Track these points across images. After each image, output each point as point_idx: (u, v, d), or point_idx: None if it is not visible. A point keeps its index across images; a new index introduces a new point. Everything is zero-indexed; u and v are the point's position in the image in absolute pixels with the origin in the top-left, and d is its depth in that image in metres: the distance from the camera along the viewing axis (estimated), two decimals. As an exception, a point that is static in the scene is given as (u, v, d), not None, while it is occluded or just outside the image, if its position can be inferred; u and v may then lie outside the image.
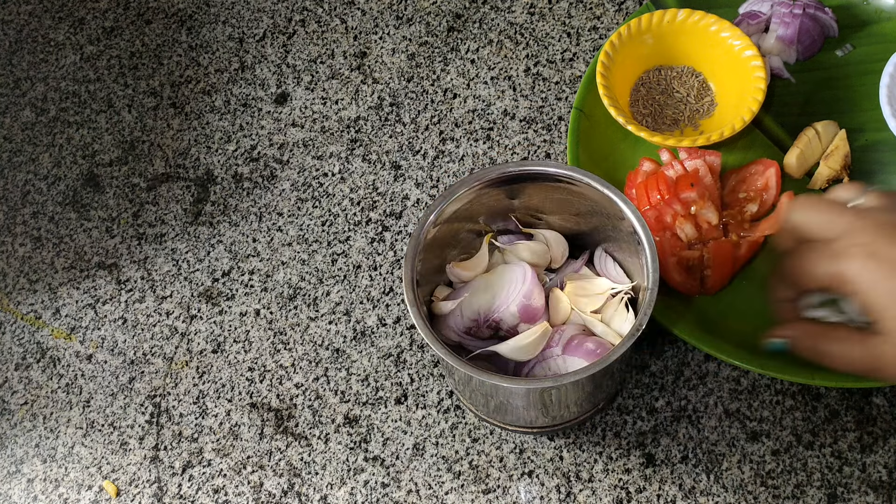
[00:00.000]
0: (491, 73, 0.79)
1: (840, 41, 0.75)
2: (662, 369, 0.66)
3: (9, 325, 0.73)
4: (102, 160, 0.79)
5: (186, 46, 0.84)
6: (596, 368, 0.53)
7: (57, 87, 0.83)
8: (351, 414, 0.67)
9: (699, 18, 0.73)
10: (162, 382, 0.70)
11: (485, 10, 0.82)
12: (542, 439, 0.65)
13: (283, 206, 0.75)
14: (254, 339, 0.70)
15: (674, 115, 0.73)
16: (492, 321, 0.60)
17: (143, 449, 0.67)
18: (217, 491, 0.65)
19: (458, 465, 0.65)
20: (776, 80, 0.74)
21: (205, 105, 0.81)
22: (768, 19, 0.75)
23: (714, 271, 0.66)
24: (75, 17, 0.86)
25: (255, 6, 0.85)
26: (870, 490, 0.62)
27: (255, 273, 0.73)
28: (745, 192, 0.69)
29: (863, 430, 0.64)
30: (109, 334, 0.72)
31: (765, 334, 0.58)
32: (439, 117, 0.78)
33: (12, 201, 0.78)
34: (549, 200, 0.62)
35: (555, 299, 0.61)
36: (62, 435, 0.69)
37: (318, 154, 0.77)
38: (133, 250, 0.75)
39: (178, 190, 0.77)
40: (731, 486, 0.62)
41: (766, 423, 0.64)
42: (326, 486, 0.65)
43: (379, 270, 0.72)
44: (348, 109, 0.79)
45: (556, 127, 0.76)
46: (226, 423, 0.68)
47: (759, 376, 0.66)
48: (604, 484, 0.63)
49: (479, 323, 0.60)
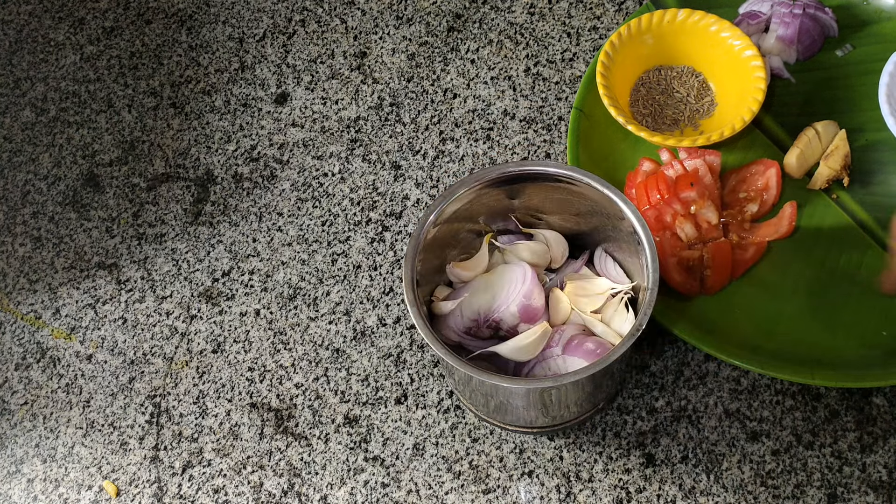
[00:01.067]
0: (491, 73, 0.79)
1: (840, 41, 0.75)
2: (662, 369, 0.66)
3: (9, 325, 0.73)
4: (102, 160, 0.79)
5: (186, 46, 0.84)
6: (596, 368, 0.53)
7: (57, 87, 0.83)
8: (351, 414, 0.67)
9: (699, 18, 0.72)
10: (162, 382, 0.70)
11: (485, 10, 0.82)
12: (543, 439, 0.65)
13: (283, 206, 0.75)
14: (254, 339, 0.70)
15: (674, 115, 0.73)
16: (492, 321, 0.60)
17: (143, 449, 0.67)
18: (217, 491, 0.65)
19: (458, 465, 0.65)
20: (776, 80, 0.74)
21: (205, 105, 0.81)
22: (768, 19, 0.75)
23: (714, 272, 0.66)
24: (75, 17, 0.86)
25: (255, 6, 0.85)
26: (870, 490, 0.62)
27: (255, 273, 0.73)
28: (746, 192, 0.69)
29: (863, 430, 0.63)
30: (109, 334, 0.72)
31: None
32: (439, 117, 0.78)
33: (12, 201, 0.78)
34: (549, 200, 0.62)
35: (555, 299, 0.61)
36: (62, 435, 0.69)
37: (318, 154, 0.77)
38: (133, 250, 0.75)
39: (178, 190, 0.77)
40: (731, 486, 0.62)
41: (766, 423, 0.64)
42: (326, 486, 0.65)
43: (379, 270, 0.72)
44: (348, 109, 0.79)
45: (556, 127, 0.76)
46: (226, 423, 0.68)
47: (759, 376, 0.66)
48: (604, 484, 0.63)
49: (479, 323, 0.60)
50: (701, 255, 0.66)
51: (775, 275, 0.68)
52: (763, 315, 0.66)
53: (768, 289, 0.67)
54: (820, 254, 0.68)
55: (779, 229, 0.68)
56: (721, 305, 0.66)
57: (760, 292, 0.67)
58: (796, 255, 0.68)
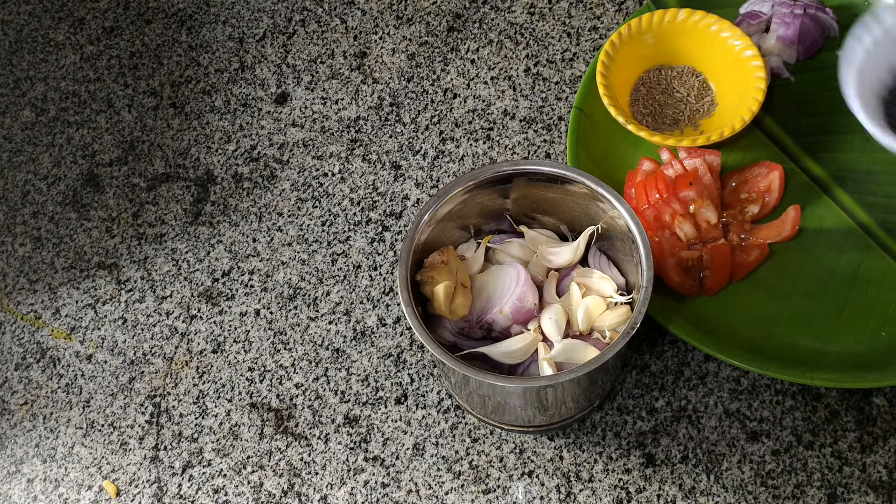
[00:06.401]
0: (491, 73, 0.79)
1: (840, 41, 0.75)
2: (662, 369, 0.66)
3: (9, 325, 0.73)
4: (102, 160, 0.79)
5: (186, 46, 0.84)
6: (591, 367, 0.53)
7: (57, 87, 0.83)
8: (351, 414, 0.67)
9: (700, 18, 0.72)
10: (162, 382, 0.70)
11: (485, 10, 0.82)
12: (542, 439, 0.65)
13: (283, 206, 0.75)
14: (254, 339, 0.70)
15: (674, 115, 0.73)
16: (484, 322, 0.60)
17: (143, 449, 0.67)
18: (217, 491, 0.65)
19: (458, 465, 0.65)
20: (776, 80, 0.74)
21: (205, 105, 0.81)
22: (769, 19, 0.75)
23: (713, 273, 0.66)
24: (75, 17, 0.86)
25: (255, 6, 0.85)
26: (870, 490, 0.62)
27: (255, 273, 0.73)
28: (748, 192, 0.69)
29: (863, 430, 0.63)
30: (109, 334, 0.72)
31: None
32: (439, 117, 0.78)
33: (12, 201, 0.78)
34: (543, 199, 0.62)
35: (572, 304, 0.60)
36: (62, 435, 0.69)
37: (318, 154, 0.77)
38: (133, 250, 0.75)
39: (178, 190, 0.77)
40: (731, 486, 0.62)
41: (766, 423, 0.64)
42: (326, 486, 0.65)
43: (379, 270, 0.72)
44: (348, 109, 0.79)
45: (556, 127, 0.76)
46: (226, 423, 0.68)
47: (759, 376, 0.66)
48: (604, 484, 0.63)
49: (471, 324, 0.60)
50: (700, 256, 0.66)
51: (775, 275, 0.67)
52: (763, 315, 0.66)
53: (768, 289, 0.67)
54: (820, 254, 0.68)
55: (781, 232, 0.68)
56: (721, 305, 0.66)
57: (760, 292, 0.67)
58: (796, 255, 0.68)
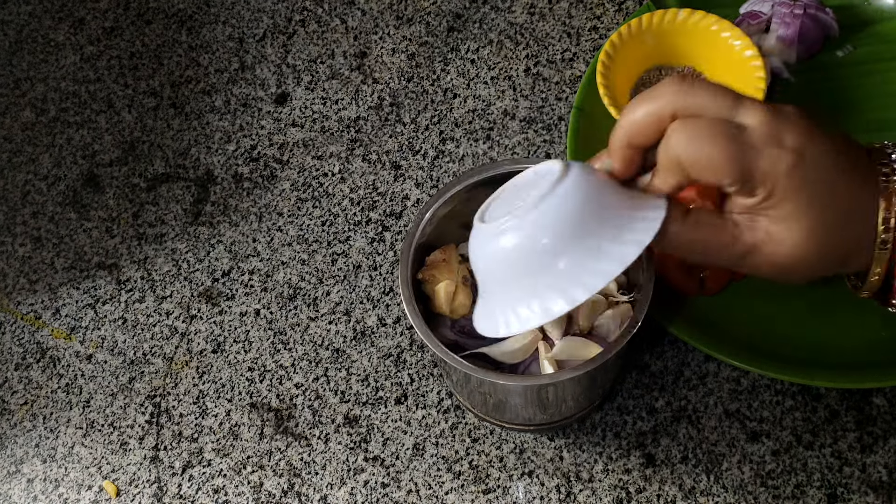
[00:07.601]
0: (491, 73, 0.79)
1: (841, 41, 0.75)
2: (662, 369, 0.66)
3: (9, 325, 0.73)
4: (102, 160, 0.79)
5: (186, 46, 0.84)
6: (592, 366, 0.53)
7: (57, 87, 0.83)
8: (351, 414, 0.67)
9: (700, 18, 0.72)
10: (162, 382, 0.70)
11: (485, 10, 0.82)
12: (542, 439, 0.65)
13: (283, 206, 0.75)
14: (254, 339, 0.70)
15: (674, 115, 0.73)
16: None
17: (143, 449, 0.67)
18: (217, 491, 0.65)
19: (458, 465, 0.65)
20: (776, 80, 0.74)
21: (205, 105, 0.81)
22: (769, 19, 0.75)
23: (713, 272, 0.66)
24: (75, 17, 0.86)
25: (255, 6, 0.85)
26: (870, 490, 0.62)
27: (255, 273, 0.73)
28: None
29: (863, 430, 0.63)
30: (109, 334, 0.72)
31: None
32: (439, 117, 0.78)
33: (12, 201, 0.78)
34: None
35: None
36: (62, 435, 0.69)
37: (318, 154, 0.77)
38: (133, 250, 0.75)
39: (178, 190, 0.77)
40: (731, 486, 0.62)
41: (766, 424, 0.64)
42: (326, 486, 0.65)
43: (379, 270, 0.72)
44: (348, 109, 0.79)
45: (557, 127, 0.76)
46: (226, 423, 0.68)
47: (759, 376, 0.66)
48: (604, 484, 0.63)
49: (472, 323, 0.60)
50: (701, 256, 0.66)
51: (775, 275, 0.67)
52: (763, 315, 0.66)
53: (768, 289, 0.67)
54: (820, 254, 0.68)
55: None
56: (721, 305, 0.66)
57: (760, 292, 0.67)
58: (796, 255, 0.68)
